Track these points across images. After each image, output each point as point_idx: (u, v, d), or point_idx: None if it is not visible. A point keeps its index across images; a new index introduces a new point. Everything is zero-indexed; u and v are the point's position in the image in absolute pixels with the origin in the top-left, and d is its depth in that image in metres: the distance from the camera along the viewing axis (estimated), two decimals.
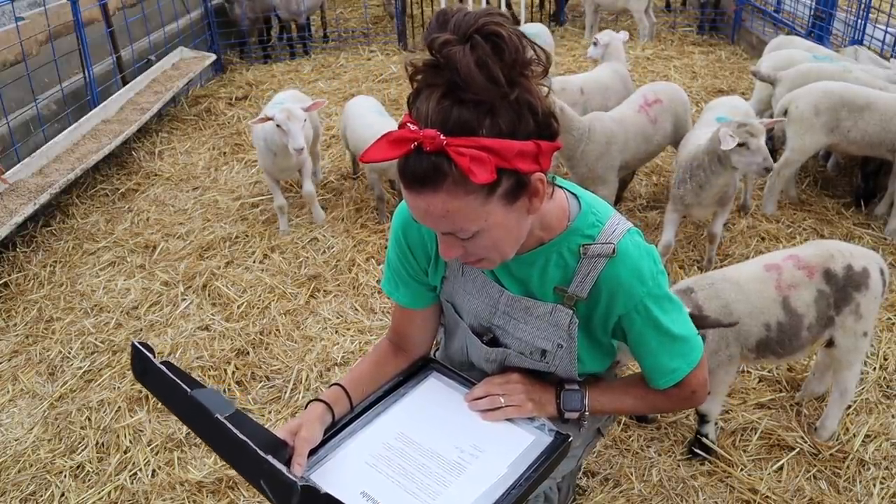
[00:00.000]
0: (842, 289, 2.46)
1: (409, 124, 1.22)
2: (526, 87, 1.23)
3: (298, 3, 7.34)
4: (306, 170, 4.28)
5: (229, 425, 1.27)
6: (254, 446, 1.24)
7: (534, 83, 1.25)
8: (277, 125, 3.80)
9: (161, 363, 1.39)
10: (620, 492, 2.54)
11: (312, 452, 1.50)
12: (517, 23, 7.43)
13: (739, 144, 3.15)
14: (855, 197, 4.36)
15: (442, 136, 1.18)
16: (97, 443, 2.87)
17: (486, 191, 1.25)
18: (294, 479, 1.20)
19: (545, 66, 1.27)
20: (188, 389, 1.33)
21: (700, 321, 2.19)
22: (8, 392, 3.18)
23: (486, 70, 1.16)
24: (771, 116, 4.49)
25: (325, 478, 1.47)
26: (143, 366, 1.43)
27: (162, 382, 1.39)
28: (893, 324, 3.29)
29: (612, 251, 1.46)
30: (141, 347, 1.43)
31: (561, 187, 1.54)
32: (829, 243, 2.60)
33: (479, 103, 1.19)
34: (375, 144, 1.24)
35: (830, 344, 2.56)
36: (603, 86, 4.66)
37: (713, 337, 2.42)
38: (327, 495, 1.19)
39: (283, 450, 1.46)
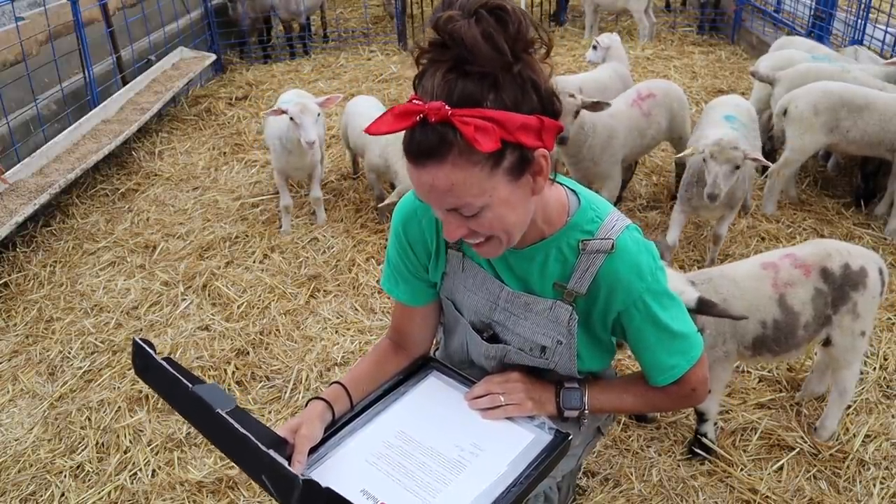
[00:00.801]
0: (839, 288, 2.46)
1: (414, 100, 1.24)
2: (529, 63, 1.26)
3: (298, 2, 7.34)
4: (316, 173, 4.31)
5: (230, 420, 1.28)
6: (255, 441, 1.24)
7: (537, 62, 1.27)
8: (291, 118, 3.83)
9: (162, 359, 1.40)
10: (620, 492, 2.54)
11: (313, 451, 1.51)
12: None
13: (704, 159, 3.21)
14: (855, 197, 4.36)
15: (447, 107, 1.19)
16: (97, 443, 2.87)
17: (492, 163, 1.26)
18: (295, 473, 1.20)
19: (548, 48, 1.29)
20: (189, 385, 1.34)
21: (708, 308, 2.19)
22: (8, 392, 3.18)
23: (491, 41, 1.19)
24: (770, 116, 4.50)
25: (326, 476, 1.47)
26: (144, 362, 1.44)
27: (163, 378, 1.40)
28: (893, 324, 3.29)
29: (611, 247, 1.46)
30: (142, 343, 1.43)
31: (560, 184, 1.54)
32: (828, 242, 2.60)
33: (484, 76, 1.21)
34: (381, 118, 1.25)
35: (828, 343, 2.56)
36: (602, 86, 4.66)
37: (709, 333, 2.42)
38: (328, 489, 1.19)
39: (283, 447, 1.46)
